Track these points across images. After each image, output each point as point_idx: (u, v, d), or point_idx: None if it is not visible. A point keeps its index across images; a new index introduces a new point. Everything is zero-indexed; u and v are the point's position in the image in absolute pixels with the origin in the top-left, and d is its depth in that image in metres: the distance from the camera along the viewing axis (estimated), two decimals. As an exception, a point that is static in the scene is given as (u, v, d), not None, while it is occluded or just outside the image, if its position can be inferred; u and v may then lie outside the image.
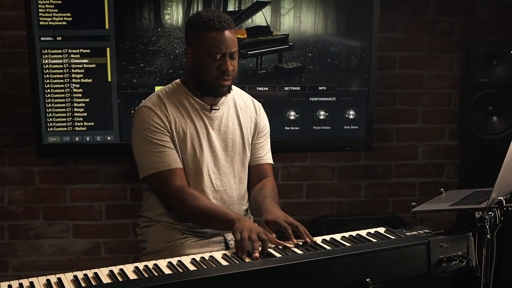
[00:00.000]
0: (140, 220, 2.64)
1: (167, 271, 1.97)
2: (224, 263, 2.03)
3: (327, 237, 2.24)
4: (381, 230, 2.31)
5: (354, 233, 2.28)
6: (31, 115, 3.32)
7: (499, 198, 2.23)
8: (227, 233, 2.49)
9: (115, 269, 1.97)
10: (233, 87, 2.59)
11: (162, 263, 2.03)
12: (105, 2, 3.21)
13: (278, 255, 2.09)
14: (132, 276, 1.93)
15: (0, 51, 3.47)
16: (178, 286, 1.85)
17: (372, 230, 2.31)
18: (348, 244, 2.17)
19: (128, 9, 3.25)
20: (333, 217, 3.91)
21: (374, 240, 2.20)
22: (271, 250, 2.13)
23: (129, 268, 1.98)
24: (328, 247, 2.14)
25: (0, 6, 3.42)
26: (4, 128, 3.55)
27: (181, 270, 1.97)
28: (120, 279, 1.90)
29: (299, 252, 2.11)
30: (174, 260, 2.04)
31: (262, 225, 2.34)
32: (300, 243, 2.19)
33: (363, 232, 2.29)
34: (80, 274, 1.93)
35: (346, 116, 3.54)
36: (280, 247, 2.14)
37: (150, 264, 2.02)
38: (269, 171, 2.68)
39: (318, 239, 2.23)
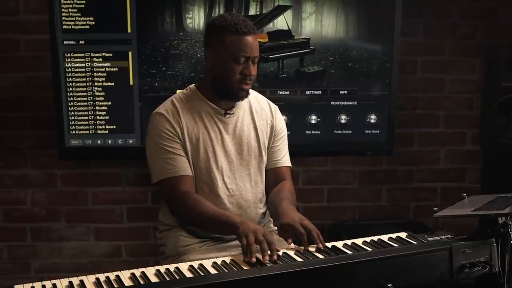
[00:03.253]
0: (159, 225, 2.65)
1: (188, 274, 1.97)
2: (246, 266, 2.03)
3: (349, 242, 2.23)
4: (403, 235, 2.30)
5: (375, 238, 2.27)
6: (54, 118, 3.34)
7: (522, 203, 2.21)
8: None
9: (137, 272, 1.98)
10: (250, 90, 2.58)
11: (184, 266, 2.03)
12: (127, 6, 3.23)
13: (299, 259, 2.08)
14: (154, 279, 1.94)
15: (24, 55, 3.51)
16: (199, 289, 1.86)
17: (393, 235, 2.29)
18: (369, 249, 2.16)
19: (150, 13, 3.27)
20: (354, 222, 3.90)
21: (396, 245, 2.19)
22: (292, 255, 2.12)
23: (150, 271, 1.99)
24: (349, 252, 2.13)
25: (24, 10, 3.46)
26: (27, 131, 3.58)
27: (202, 274, 1.97)
28: (142, 282, 1.91)
29: (321, 256, 2.10)
30: (195, 264, 2.05)
31: (278, 228, 2.34)
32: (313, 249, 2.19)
33: (384, 237, 2.28)
34: (102, 277, 1.95)
35: (368, 120, 3.52)
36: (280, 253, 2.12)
37: (172, 267, 2.02)
38: (286, 173, 2.67)
39: (339, 244, 2.22)
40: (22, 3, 3.46)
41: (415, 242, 2.21)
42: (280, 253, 2.12)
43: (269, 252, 2.07)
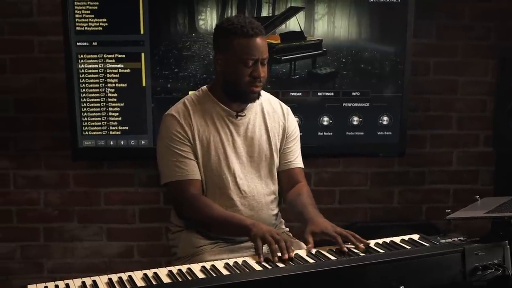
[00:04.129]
0: (171, 226, 2.66)
1: (200, 275, 1.97)
2: (258, 268, 2.03)
3: (361, 244, 2.23)
4: (415, 237, 2.30)
5: (388, 240, 2.27)
6: (67, 119, 3.36)
7: (535, 205, 2.20)
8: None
9: (149, 273, 1.98)
10: (262, 92, 2.57)
11: (196, 267, 2.04)
12: (140, 8, 3.24)
13: (311, 260, 2.09)
14: (166, 279, 1.95)
15: (37, 56, 3.53)
16: (212, 290, 1.86)
17: (406, 237, 2.29)
18: (381, 251, 2.15)
19: (163, 15, 3.28)
20: (366, 223, 3.89)
21: (408, 247, 2.18)
22: (304, 256, 2.13)
23: (163, 272, 2.00)
24: (362, 254, 2.13)
25: (38, 11, 3.48)
26: (41, 132, 3.60)
27: (214, 275, 1.98)
28: (154, 283, 1.92)
29: (333, 258, 2.10)
30: (207, 265, 2.05)
31: (307, 234, 2.30)
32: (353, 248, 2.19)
33: (397, 239, 2.28)
34: (114, 277, 1.96)
35: (380, 121, 3.52)
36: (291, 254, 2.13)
37: (184, 268, 2.03)
38: (300, 175, 2.67)
39: (351, 245, 2.21)
40: (36, 4, 3.48)
41: (427, 244, 2.21)
42: (292, 254, 2.12)
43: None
